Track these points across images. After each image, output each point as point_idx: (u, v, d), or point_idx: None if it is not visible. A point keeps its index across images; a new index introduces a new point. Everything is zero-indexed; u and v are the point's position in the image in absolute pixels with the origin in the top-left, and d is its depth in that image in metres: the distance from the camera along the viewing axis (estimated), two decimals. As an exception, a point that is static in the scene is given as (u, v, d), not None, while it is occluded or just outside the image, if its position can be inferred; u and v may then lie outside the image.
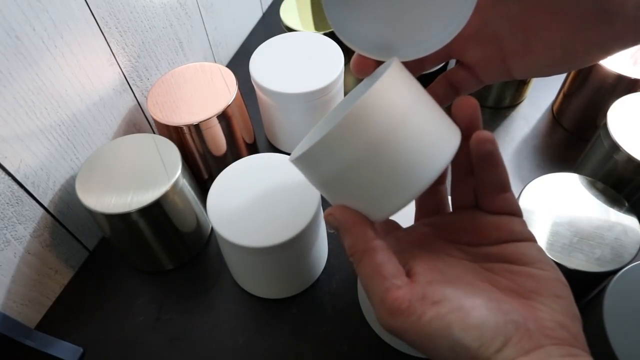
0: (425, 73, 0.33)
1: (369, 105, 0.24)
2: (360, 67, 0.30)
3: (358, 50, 0.29)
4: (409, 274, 0.26)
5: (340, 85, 0.53)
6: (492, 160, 0.27)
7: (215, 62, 0.63)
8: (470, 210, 0.30)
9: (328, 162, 0.25)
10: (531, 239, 0.28)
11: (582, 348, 0.23)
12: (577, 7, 0.24)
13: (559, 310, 0.24)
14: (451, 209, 0.32)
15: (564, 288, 0.25)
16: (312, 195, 0.40)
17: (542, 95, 0.62)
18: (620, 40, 0.25)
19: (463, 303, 0.23)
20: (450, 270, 0.26)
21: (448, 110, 0.28)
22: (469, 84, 0.31)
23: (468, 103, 0.27)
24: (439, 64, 0.32)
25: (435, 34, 0.27)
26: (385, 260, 0.25)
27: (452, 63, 0.37)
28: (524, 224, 0.28)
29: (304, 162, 0.27)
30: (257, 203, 0.40)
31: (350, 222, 0.26)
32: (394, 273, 0.24)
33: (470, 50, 0.30)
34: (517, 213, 0.28)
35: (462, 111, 0.27)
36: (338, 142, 0.24)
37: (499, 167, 0.27)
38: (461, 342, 0.22)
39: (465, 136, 0.27)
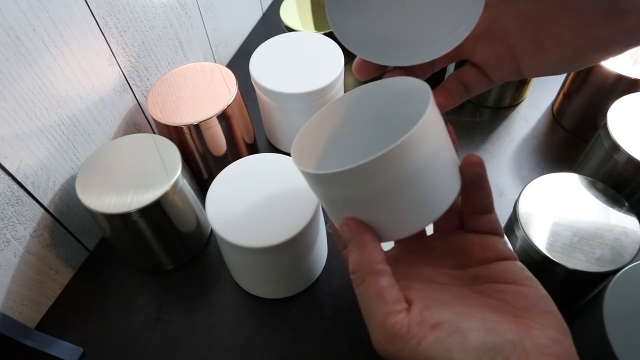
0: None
1: (410, 143, 0.24)
2: (362, 71, 0.30)
3: (361, 56, 0.29)
4: (405, 300, 0.26)
5: (340, 85, 0.53)
6: (481, 182, 0.28)
7: (215, 62, 0.63)
8: (454, 232, 0.30)
9: (354, 187, 0.25)
10: (514, 257, 0.28)
11: None
12: (588, 3, 0.24)
13: (551, 326, 0.24)
14: (428, 232, 0.32)
15: (551, 303, 0.25)
16: (311, 196, 0.40)
17: (542, 95, 0.62)
18: (631, 36, 0.24)
19: (460, 325, 0.23)
20: (442, 296, 0.26)
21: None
22: (479, 84, 0.31)
23: (475, 161, 0.27)
24: (448, 64, 0.32)
25: (444, 36, 0.27)
26: (389, 285, 0.25)
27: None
28: (505, 243, 0.29)
29: (326, 181, 0.26)
30: (257, 203, 0.40)
31: (364, 239, 0.26)
32: (396, 299, 0.24)
33: (479, 50, 0.29)
34: (499, 233, 0.29)
35: (468, 170, 0.28)
36: (372, 172, 0.24)
37: (487, 189, 0.28)
38: None
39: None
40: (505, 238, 0.39)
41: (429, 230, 0.32)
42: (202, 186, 0.50)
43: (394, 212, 0.25)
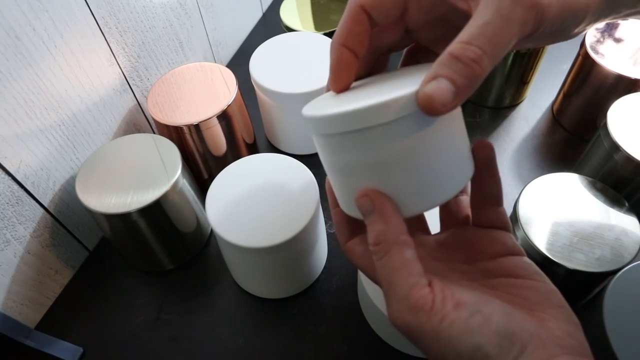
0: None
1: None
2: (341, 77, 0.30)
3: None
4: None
5: (340, 85, 0.53)
6: (491, 167, 0.27)
7: (215, 62, 0.63)
8: (462, 227, 0.30)
9: (386, 143, 0.23)
10: (522, 253, 0.28)
11: (590, 357, 0.23)
12: None
13: (564, 319, 0.24)
14: (433, 230, 0.32)
15: (561, 297, 0.25)
16: (311, 195, 0.40)
17: (542, 95, 0.62)
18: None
19: (481, 308, 0.23)
20: (462, 281, 0.26)
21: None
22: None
23: (487, 144, 0.27)
24: (404, 47, 0.31)
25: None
26: (414, 257, 0.24)
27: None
28: (513, 238, 0.29)
29: (356, 139, 0.23)
30: (257, 203, 0.40)
31: (387, 209, 0.24)
32: (420, 272, 0.24)
33: (426, 34, 0.29)
34: (508, 228, 0.29)
35: (480, 152, 0.27)
36: (407, 125, 0.22)
37: (496, 178, 0.28)
38: (482, 348, 0.22)
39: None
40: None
41: (435, 227, 0.32)
42: (202, 186, 0.50)
43: (415, 180, 0.24)
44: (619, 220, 0.39)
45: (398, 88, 0.23)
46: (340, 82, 0.28)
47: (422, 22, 0.28)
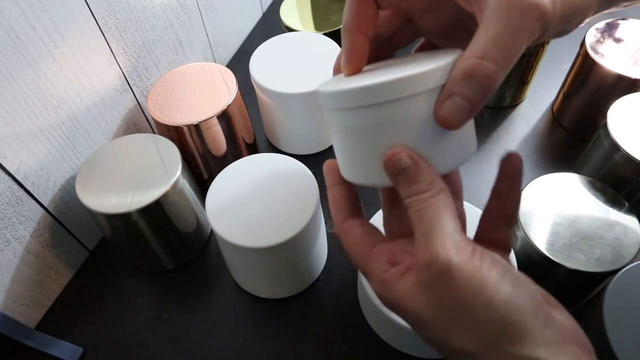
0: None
1: None
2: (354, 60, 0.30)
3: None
4: None
5: (340, 85, 0.53)
6: (515, 181, 0.26)
7: (215, 62, 0.63)
8: None
9: (420, 101, 0.23)
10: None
11: (594, 356, 0.23)
12: None
13: (567, 316, 0.24)
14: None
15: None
16: (311, 195, 0.40)
17: (542, 95, 0.62)
18: None
19: (512, 270, 0.22)
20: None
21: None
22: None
23: (517, 156, 0.27)
24: (407, 41, 0.32)
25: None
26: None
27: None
28: (511, 259, 0.29)
29: (394, 89, 0.23)
30: (257, 203, 0.40)
31: (424, 163, 0.24)
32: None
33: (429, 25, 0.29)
34: (509, 249, 0.28)
35: (509, 162, 0.27)
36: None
37: (517, 196, 0.27)
38: (515, 301, 0.21)
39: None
40: (513, 253, 0.39)
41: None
42: (202, 186, 0.50)
43: (448, 137, 0.25)
44: (619, 220, 0.39)
45: (422, 65, 0.24)
46: (355, 65, 0.28)
47: (422, 9, 0.29)
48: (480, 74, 0.22)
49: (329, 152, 0.57)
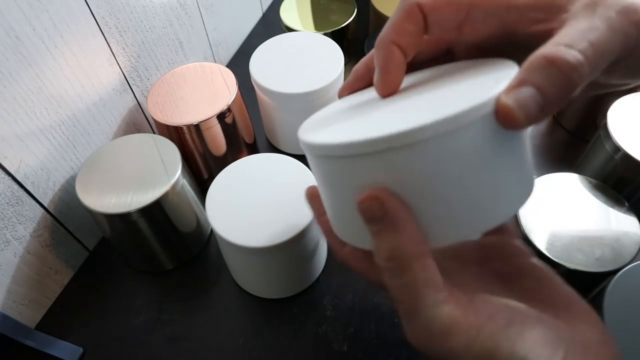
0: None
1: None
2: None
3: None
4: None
5: (340, 85, 0.53)
6: None
7: (215, 62, 0.63)
8: None
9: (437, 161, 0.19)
10: (533, 254, 0.27)
11: None
12: None
13: (594, 326, 0.22)
14: None
15: (585, 303, 0.24)
16: (312, 195, 0.40)
17: (542, 95, 0.62)
18: None
19: (514, 316, 0.21)
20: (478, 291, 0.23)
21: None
22: None
23: None
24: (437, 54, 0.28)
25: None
26: (436, 268, 0.21)
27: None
28: (524, 243, 0.27)
29: (407, 159, 0.19)
30: (257, 203, 0.40)
31: (402, 214, 0.20)
32: (443, 284, 0.21)
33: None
34: (516, 236, 0.28)
35: None
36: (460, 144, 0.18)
37: None
38: (521, 357, 0.20)
39: None
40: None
41: None
42: (202, 186, 0.50)
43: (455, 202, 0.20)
44: (619, 220, 0.39)
45: (450, 96, 0.20)
46: (391, 84, 0.24)
47: (474, 42, 0.24)
48: (564, 63, 0.17)
49: (329, 152, 0.57)
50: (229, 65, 0.69)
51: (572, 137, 0.57)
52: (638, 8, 0.18)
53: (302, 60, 0.52)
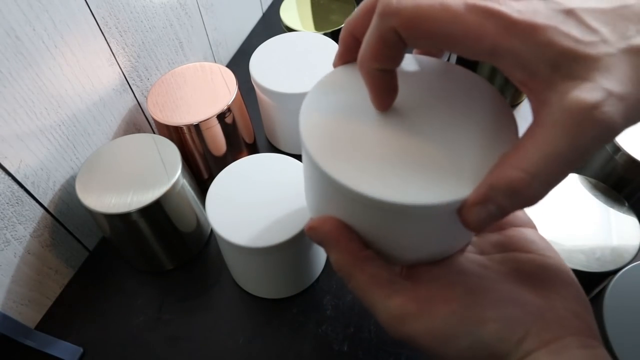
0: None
1: None
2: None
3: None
4: (408, 276, 0.25)
5: (340, 85, 0.53)
6: None
7: (215, 62, 0.63)
8: None
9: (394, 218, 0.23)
10: (533, 225, 0.27)
11: (596, 338, 0.22)
12: None
13: (572, 298, 0.23)
14: None
15: (570, 274, 0.25)
16: (312, 195, 0.40)
17: (542, 95, 0.62)
18: None
19: (475, 298, 0.22)
20: (452, 267, 0.25)
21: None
22: None
23: None
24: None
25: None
26: (378, 268, 0.24)
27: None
28: (524, 212, 0.28)
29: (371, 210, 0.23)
30: (257, 203, 0.40)
31: (334, 235, 0.24)
32: (390, 279, 0.23)
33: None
34: (532, 224, 0.28)
35: None
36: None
37: None
38: (480, 339, 0.21)
39: None
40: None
41: None
42: (202, 186, 0.50)
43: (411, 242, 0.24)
44: (619, 220, 0.39)
45: (438, 166, 0.22)
46: (385, 102, 0.25)
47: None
48: (527, 195, 0.19)
49: (329, 152, 0.57)
50: (229, 65, 0.69)
51: (572, 137, 0.57)
52: (604, 119, 0.18)
53: (302, 60, 0.52)
